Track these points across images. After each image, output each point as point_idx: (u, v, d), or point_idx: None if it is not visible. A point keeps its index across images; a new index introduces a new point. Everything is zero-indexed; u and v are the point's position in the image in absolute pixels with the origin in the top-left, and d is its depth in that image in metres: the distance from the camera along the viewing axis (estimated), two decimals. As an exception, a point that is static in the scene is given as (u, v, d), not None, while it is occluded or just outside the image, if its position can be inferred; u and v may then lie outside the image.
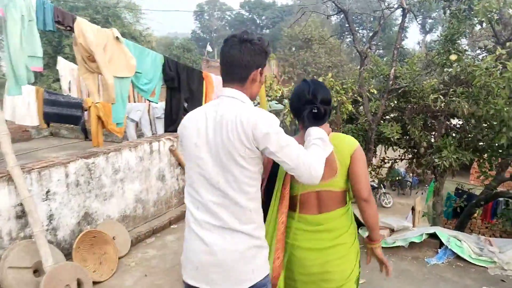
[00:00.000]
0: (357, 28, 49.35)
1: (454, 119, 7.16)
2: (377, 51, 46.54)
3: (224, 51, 1.64)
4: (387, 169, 8.94)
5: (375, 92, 6.70)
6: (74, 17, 3.89)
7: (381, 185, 13.66)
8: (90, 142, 6.99)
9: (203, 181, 1.62)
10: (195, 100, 5.10)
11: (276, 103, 7.06)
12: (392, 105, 7.19)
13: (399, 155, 9.02)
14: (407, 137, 7.67)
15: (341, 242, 1.85)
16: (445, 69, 6.25)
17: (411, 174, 18.58)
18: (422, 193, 11.68)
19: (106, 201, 3.81)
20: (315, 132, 1.72)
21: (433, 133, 7.13)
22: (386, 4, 7.25)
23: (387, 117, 7.38)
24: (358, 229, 2.06)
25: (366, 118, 7.08)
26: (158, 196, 4.47)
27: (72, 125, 8.72)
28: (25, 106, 6.12)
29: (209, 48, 36.42)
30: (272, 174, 1.83)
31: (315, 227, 1.84)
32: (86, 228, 3.55)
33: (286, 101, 6.58)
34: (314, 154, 1.60)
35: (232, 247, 1.58)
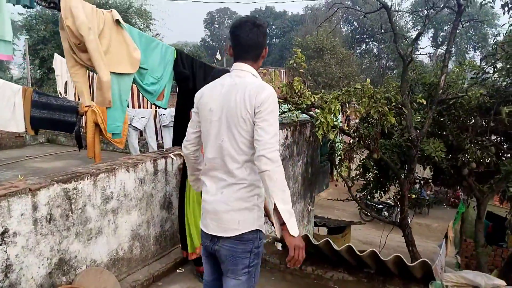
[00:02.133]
0: (367, 40, 48.61)
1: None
2: (389, 63, 45.85)
3: (240, 34, 1.96)
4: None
5: (424, 102, 5.67)
6: (60, -9, 2.90)
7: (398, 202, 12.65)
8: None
9: (211, 140, 1.91)
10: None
11: (301, 113, 6.03)
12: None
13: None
14: (451, 155, 6.63)
15: None
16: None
17: (428, 192, 17.50)
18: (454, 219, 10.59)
19: (91, 241, 2.78)
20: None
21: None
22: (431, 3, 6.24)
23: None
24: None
25: (407, 133, 6.03)
26: (161, 230, 3.43)
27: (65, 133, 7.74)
28: (10, 109, 5.13)
29: (218, 56, 35.68)
30: None
31: None
32: (60, 282, 2.52)
33: (317, 111, 5.54)
34: (282, 172, 1.79)
35: (224, 199, 1.88)
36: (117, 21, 3.17)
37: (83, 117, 5.80)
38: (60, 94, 7.14)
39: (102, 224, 2.86)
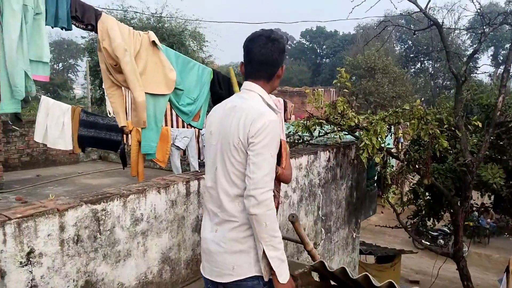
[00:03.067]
0: (422, 59, 47.11)
1: None
2: (445, 82, 44.04)
3: (253, 49, 1.76)
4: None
5: (480, 124, 5.25)
6: (98, 13, 2.96)
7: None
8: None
9: (208, 166, 1.78)
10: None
11: (345, 134, 5.80)
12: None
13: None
14: (511, 182, 6.09)
15: None
16: None
17: (488, 220, 16.28)
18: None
19: (119, 263, 2.74)
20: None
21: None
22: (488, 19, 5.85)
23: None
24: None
25: (462, 158, 5.61)
26: (193, 254, 3.34)
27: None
28: (59, 128, 5.36)
29: (268, 76, 36.04)
30: None
31: None
32: (85, 305, 2.49)
33: (361, 133, 5.30)
34: (273, 216, 1.61)
35: (217, 238, 1.70)
36: (154, 43, 3.19)
37: (128, 136, 5.93)
38: (109, 113, 7.41)
39: (131, 247, 2.81)
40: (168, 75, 3.24)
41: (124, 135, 5.86)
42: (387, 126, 5.34)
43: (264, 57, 1.75)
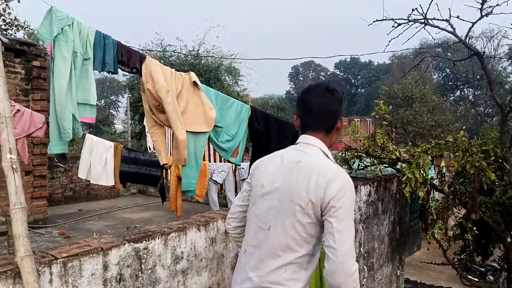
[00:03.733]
0: (461, 87, 46.02)
1: None
2: (487, 110, 42.59)
3: (312, 100, 1.68)
4: None
5: (529, 156, 5.00)
6: (142, 57, 3.09)
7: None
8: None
9: (256, 223, 1.64)
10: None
11: (386, 167, 5.66)
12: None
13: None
14: None
15: None
16: None
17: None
18: None
19: (160, 302, 2.72)
20: None
21: None
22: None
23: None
24: None
25: (511, 190, 5.32)
26: (233, 293, 3.28)
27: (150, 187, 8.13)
28: (102, 164, 5.55)
29: (302, 107, 36.19)
30: None
31: None
32: None
33: (403, 165, 5.15)
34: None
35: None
36: (194, 83, 3.28)
37: (168, 171, 6.03)
38: (149, 149, 7.61)
39: (171, 285, 2.80)
40: (208, 113, 3.31)
41: (164, 170, 5.97)
42: (430, 158, 5.18)
43: (325, 107, 1.67)
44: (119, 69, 3.00)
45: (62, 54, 2.63)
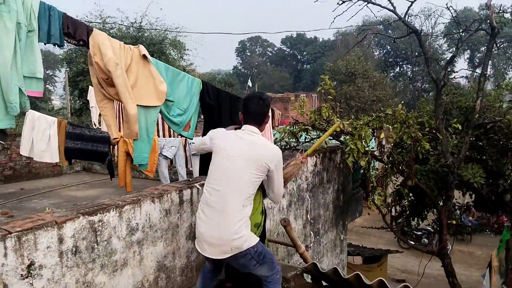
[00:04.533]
0: (401, 63, 48.06)
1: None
2: (424, 85, 44.89)
3: (250, 104, 2.74)
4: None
5: (459, 127, 5.46)
6: (89, 29, 3.02)
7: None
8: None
9: (227, 176, 2.59)
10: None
11: (331, 139, 5.95)
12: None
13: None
14: (492, 180, 6.30)
15: None
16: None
17: (470, 218, 16.68)
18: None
19: (116, 272, 2.79)
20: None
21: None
22: (466, 25, 6.10)
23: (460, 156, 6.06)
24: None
25: (443, 159, 5.81)
26: (187, 261, 3.40)
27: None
28: (45, 141, 5.34)
29: (249, 83, 36.21)
30: None
31: None
32: (84, 315, 2.53)
33: (347, 137, 5.45)
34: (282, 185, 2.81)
35: (224, 229, 2.53)
36: (144, 56, 3.26)
37: (115, 147, 5.94)
38: (95, 124, 7.39)
39: (127, 256, 2.86)
40: (158, 87, 3.31)
41: (111, 146, 5.87)
42: (371, 130, 5.51)
43: (258, 110, 2.72)
44: (65, 42, 2.93)
45: (5, 24, 2.52)
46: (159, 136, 6.31)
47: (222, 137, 2.77)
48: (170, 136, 6.52)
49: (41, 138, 5.37)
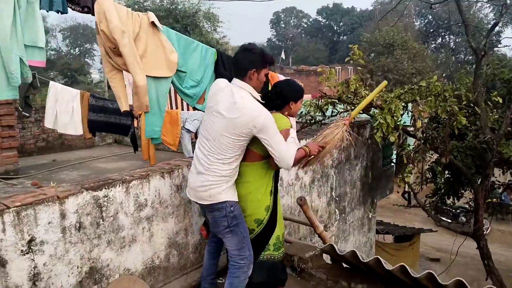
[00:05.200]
0: (443, 34, 45.64)
1: None
2: (467, 57, 42.70)
3: (236, 56, 2.51)
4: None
5: (500, 100, 5.02)
6: (95, -5, 2.86)
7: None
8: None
9: (209, 136, 2.46)
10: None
11: (359, 113, 5.62)
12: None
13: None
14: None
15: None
16: None
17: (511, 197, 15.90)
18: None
19: (124, 249, 2.71)
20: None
21: None
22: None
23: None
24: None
25: (482, 135, 5.38)
26: (201, 238, 3.29)
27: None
28: (68, 113, 5.34)
29: (283, 56, 35.53)
30: None
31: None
32: (89, 292, 2.47)
33: (375, 110, 5.13)
34: (289, 146, 2.49)
35: (203, 179, 2.46)
36: (153, 24, 3.08)
37: (138, 119, 5.89)
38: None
39: (136, 232, 2.78)
40: (169, 57, 3.14)
41: (135, 119, 5.82)
42: (403, 104, 5.16)
43: (239, 63, 2.46)
44: (69, 9, 2.79)
45: (4, -9, 2.41)
46: (182, 110, 6.19)
47: (213, 94, 2.54)
48: (183, 109, 6.39)
49: (65, 110, 5.37)
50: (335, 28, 57.51)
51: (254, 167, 2.57)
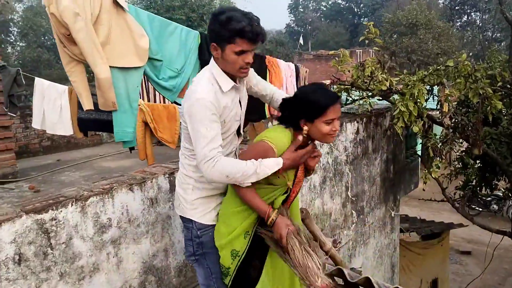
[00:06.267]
0: (468, 11, 43.61)
1: None
2: (495, 34, 40.76)
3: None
4: None
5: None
6: (40, -29, 2.31)
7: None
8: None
9: None
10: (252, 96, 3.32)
11: (378, 99, 4.98)
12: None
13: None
14: None
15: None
16: None
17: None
18: None
19: (83, 280, 2.22)
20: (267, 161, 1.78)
21: None
22: None
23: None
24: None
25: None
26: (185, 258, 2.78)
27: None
28: (56, 112, 4.90)
29: (301, 41, 34.57)
30: None
31: None
32: None
33: (395, 96, 4.49)
34: (230, 162, 1.79)
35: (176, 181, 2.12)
36: (116, 3, 2.54)
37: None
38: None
39: (98, 259, 2.28)
40: (138, 42, 2.60)
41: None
42: (428, 88, 4.49)
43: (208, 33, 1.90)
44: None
45: None
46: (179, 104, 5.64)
47: None
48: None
49: (53, 109, 4.94)
50: (355, 10, 55.93)
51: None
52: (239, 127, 2.11)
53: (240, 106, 2.02)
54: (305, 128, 1.83)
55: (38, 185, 6.28)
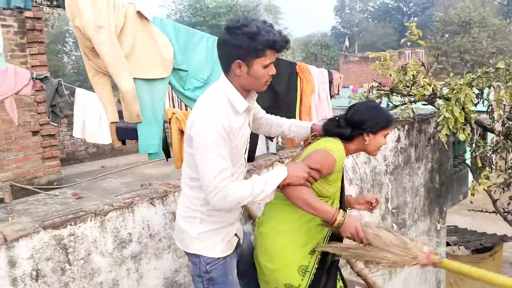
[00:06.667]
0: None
1: None
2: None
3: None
4: None
5: None
6: (64, -15, 2.34)
7: None
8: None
9: None
10: (282, 106, 3.19)
11: (423, 104, 4.69)
12: None
13: None
14: None
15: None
16: None
17: None
18: None
19: (102, 296, 2.19)
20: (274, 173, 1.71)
21: None
22: None
23: None
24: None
25: None
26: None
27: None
28: (96, 120, 5.03)
29: (347, 43, 33.90)
30: None
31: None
32: None
33: (440, 102, 4.20)
34: (239, 189, 1.63)
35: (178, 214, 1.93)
36: (140, 14, 2.51)
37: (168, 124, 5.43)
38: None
39: (118, 275, 2.24)
40: (163, 53, 2.56)
41: (166, 124, 5.37)
42: (476, 92, 4.17)
43: (219, 49, 1.65)
44: (33, 3, 2.31)
45: None
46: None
47: None
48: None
49: (92, 118, 5.05)
50: (404, 9, 54.15)
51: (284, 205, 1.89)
52: (250, 155, 2.01)
53: (249, 128, 1.84)
54: (367, 138, 1.93)
55: (81, 191, 6.48)
